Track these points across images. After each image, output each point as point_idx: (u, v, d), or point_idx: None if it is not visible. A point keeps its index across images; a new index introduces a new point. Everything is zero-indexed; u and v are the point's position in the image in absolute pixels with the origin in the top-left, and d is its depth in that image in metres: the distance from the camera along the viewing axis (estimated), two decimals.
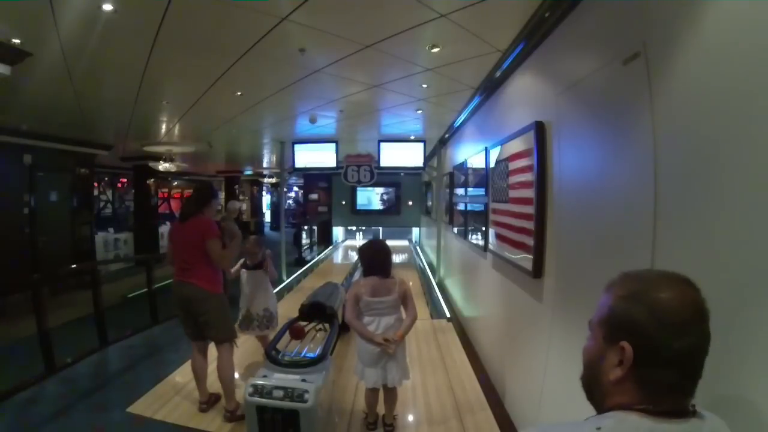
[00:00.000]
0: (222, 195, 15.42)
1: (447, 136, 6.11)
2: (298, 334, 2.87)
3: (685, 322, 0.65)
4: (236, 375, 3.04)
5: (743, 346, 0.94)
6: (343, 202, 11.91)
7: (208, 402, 2.91)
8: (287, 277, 7.16)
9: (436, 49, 2.83)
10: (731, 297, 0.97)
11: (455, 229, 5.46)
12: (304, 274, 7.98)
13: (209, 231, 2.78)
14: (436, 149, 7.00)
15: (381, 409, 2.70)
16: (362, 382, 2.59)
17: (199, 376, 2.91)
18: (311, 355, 2.69)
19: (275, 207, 19.04)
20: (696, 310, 0.66)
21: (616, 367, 0.68)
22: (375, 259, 2.59)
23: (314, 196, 12.51)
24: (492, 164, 3.28)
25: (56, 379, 3.34)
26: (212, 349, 2.91)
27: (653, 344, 0.65)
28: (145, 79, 3.46)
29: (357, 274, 2.65)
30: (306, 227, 11.26)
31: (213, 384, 2.97)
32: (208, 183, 12.90)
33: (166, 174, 10.25)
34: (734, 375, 0.95)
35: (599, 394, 0.73)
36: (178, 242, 2.86)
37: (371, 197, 11.93)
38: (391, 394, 2.63)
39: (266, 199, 20.43)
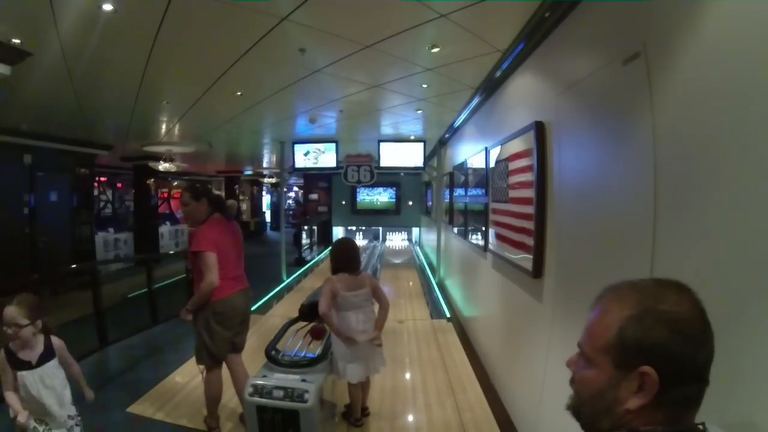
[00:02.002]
0: (221, 195, 15.45)
1: (447, 136, 6.11)
2: (319, 335, 2.84)
3: (702, 330, 0.62)
4: None
5: (743, 347, 0.94)
6: (343, 202, 11.91)
7: (219, 426, 2.67)
8: (287, 277, 7.17)
9: (436, 49, 2.83)
10: (732, 297, 0.97)
11: (455, 229, 5.46)
12: (304, 274, 7.99)
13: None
14: (436, 149, 7.00)
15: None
16: (343, 380, 2.58)
17: (219, 399, 2.63)
18: (311, 355, 2.69)
19: (275, 207, 19.03)
20: (704, 313, 0.63)
21: (636, 394, 0.62)
22: (349, 257, 2.63)
23: (314, 196, 12.52)
24: (492, 164, 3.28)
25: None
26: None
27: (680, 363, 0.60)
28: (145, 79, 3.46)
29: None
30: (306, 227, 11.25)
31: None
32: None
33: (166, 174, 10.25)
34: (734, 378, 0.95)
35: (609, 423, 0.66)
36: (231, 246, 2.57)
37: (372, 197, 11.95)
38: (367, 382, 2.72)
39: (266, 199, 20.43)
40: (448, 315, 5.14)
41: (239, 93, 4.00)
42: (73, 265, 6.82)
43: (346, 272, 2.58)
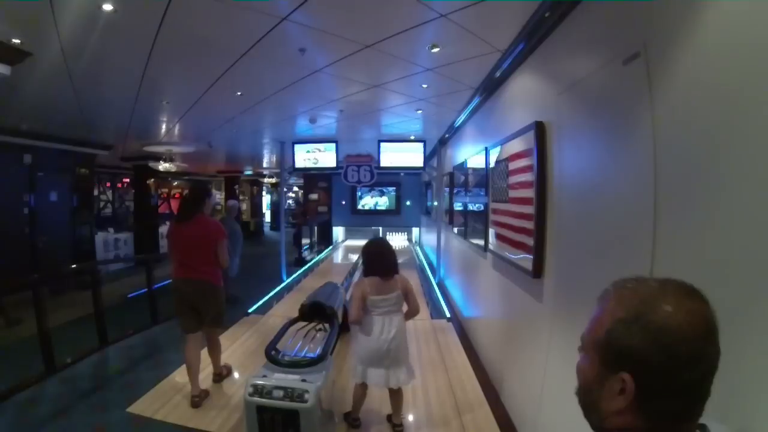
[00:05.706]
0: (222, 195, 15.42)
1: (447, 136, 6.11)
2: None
3: (696, 349, 0.57)
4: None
5: (745, 347, 0.93)
6: (343, 202, 11.91)
7: (200, 396, 2.98)
8: (287, 277, 7.17)
9: (436, 49, 2.83)
10: (732, 296, 0.97)
11: (455, 229, 5.46)
12: (304, 274, 7.99)
13: (220, 232, 3.07)
14: (436, 149, 6.99)
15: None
16: (359, 381, 2.55)
17: (195, 369, 3.00)
18: (311, 355, 2.69)
19: (275, 207, 19.02)
20: (707, 330, 0.59)
21: (618, 395, 0.61)
22: (384, 259, 2.59)
23: (314, 196, 12.51)
24: (492, 164, 3.28)
25: (56, 379, 3.34)
26: None
27: (659, 377, 0.58)
28: (145, 79, 3.46)
29: (357, 275, 2.65)
30: (306, 227, 11.25)
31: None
32: (203, 182, 13.22)
33: (166, 174, 10.25)
34: (734, 381, 0.95)
35: (597, 417, 0.66)
36: (180, 242, 3.02)
37: (372, 197, 11.94)
38: (397, 394, 2.64)
39: (266, 199, 20.41)
40: (448, 315, 5.13)
41: (239, 93, 4.00)
42: (73, 265, 6.82)
43: (378, 276, 2.54)
